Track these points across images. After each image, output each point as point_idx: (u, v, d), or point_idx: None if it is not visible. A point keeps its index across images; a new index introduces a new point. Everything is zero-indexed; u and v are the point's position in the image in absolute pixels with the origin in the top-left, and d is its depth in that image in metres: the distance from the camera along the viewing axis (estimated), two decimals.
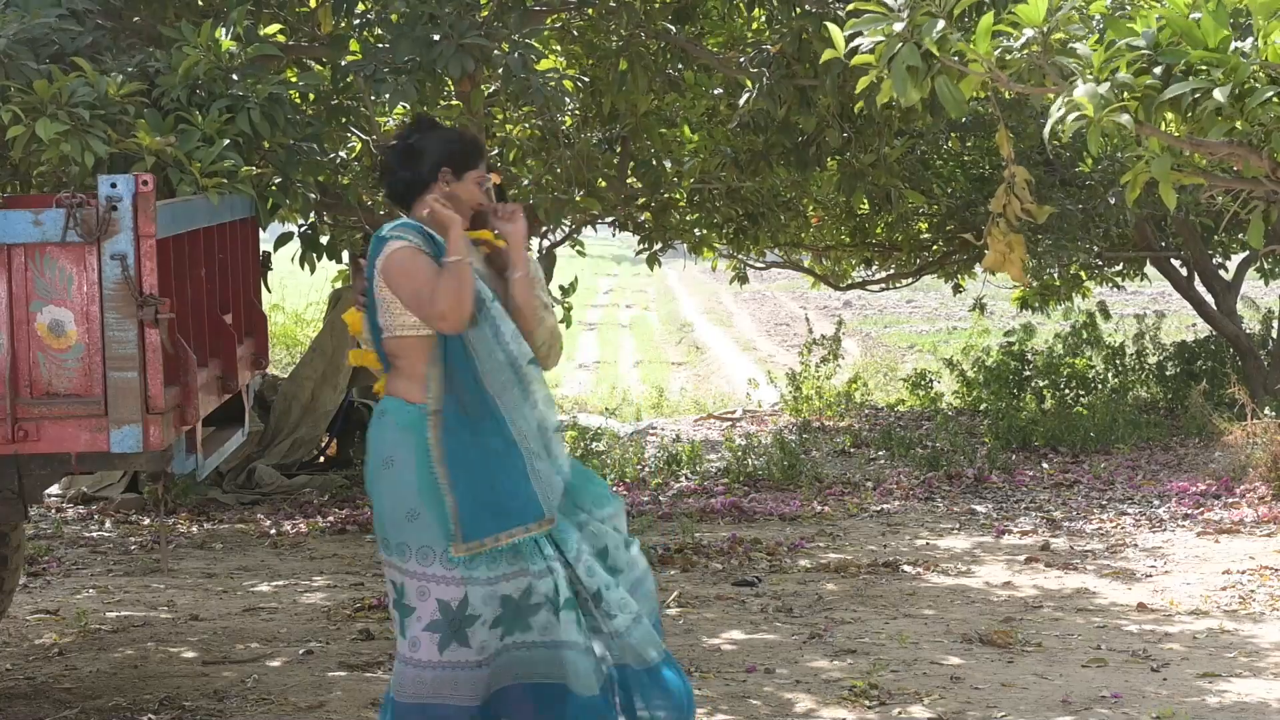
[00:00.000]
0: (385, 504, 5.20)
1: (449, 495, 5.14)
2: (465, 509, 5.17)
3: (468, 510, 5.17)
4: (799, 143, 8.05)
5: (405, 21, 6.28)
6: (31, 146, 5.33)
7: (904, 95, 4.93)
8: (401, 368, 5.22)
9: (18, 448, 5.12)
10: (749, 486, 11.67)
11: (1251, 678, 6.78)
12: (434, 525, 5.13)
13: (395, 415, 5.21)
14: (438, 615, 5.13)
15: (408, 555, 5.17)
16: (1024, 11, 4.81)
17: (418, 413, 5.19)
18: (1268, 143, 4.63)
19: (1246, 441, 11.03)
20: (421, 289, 5.10)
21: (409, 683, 5.18)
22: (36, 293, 5.10)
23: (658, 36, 7.84)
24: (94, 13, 6.13)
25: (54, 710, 6.43)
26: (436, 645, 5.13)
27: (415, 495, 5.14)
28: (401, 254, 5.15)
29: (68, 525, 10.46)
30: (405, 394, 5.20)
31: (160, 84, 5.68)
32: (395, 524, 5.17)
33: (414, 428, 5.18)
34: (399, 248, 5.15)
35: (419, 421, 5.18)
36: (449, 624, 5.12)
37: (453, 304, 5.08)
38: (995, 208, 5.49)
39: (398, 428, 5.19)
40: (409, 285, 5.13)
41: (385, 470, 5.18)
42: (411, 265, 5.15)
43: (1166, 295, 23.99)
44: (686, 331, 27.85)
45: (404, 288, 5.14)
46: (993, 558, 9.27)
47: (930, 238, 14.64)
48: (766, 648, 7.36)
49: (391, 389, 5.26)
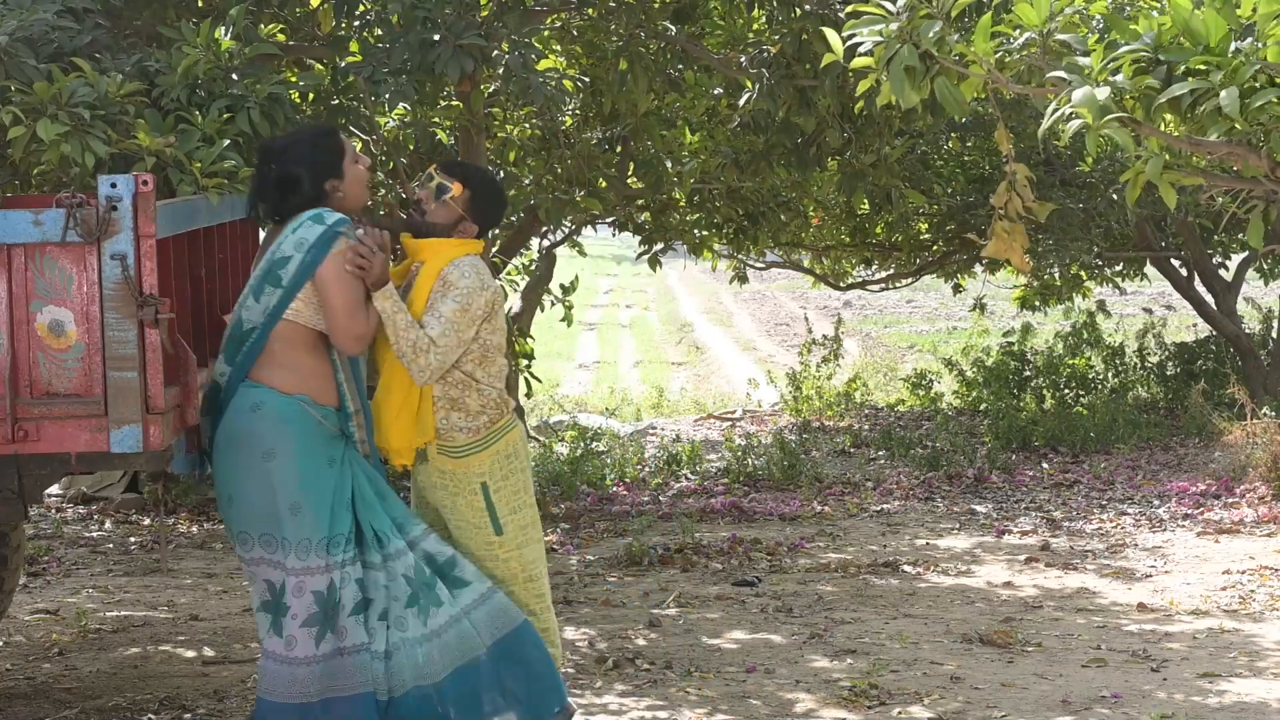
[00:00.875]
0: (260, 497, 5.26)
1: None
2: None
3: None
4: (799, 143, 8.05)
5: (404, 23, 6.27)
6: (32, 147, 5.32)
7: (903, 97, 4.93)
8: (278, 354, 5.30)
9: (18, 448, 5.12)
10: (749, 486, 11.67)
11: (1251, 678, 6.78)
12: (314, 517, 5.25)
13: (273, 407, 5.28)
14: (314, 608, 5.22)
15: (286, 549, 5.26)
16: (1023, 12, 4.81)
17: (295, 404, 5.28)
18: (1267, 142, 4.63)
19: (1246, 441, 11.03)
20: (355, 307, 5.26)
21: (284, 683, 5.25)
22: (36, 293, 5.09)
23: (658, 36, 7.84)
24: (94, 12, 6.13)
25: (54, 710, 6.43)
26: (314, 639, 5.22)
27: (298, 488, 5.23)
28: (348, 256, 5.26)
29: (68, 525, 10.46)
30: (280, 384, 5.31)
31: (160, 84, 5.68)
32: (271, 517, 5.26)
33: (294, 420, 5.28)
34: (347, 247, 5.27)
35: (298, 414, 5.27)
36: (324, 614, 5.24)
37: (369, 337, 5.31)
38: (997, 203, 5.50)
39: (278, 419, 5.27)
40: (345, 296, 5.26)
41: (265, 463, 5.24)
42: (353, 276, 5.25)
43: (1166, 295, 23.99)
44: (686, 331, 27.85)
45: (340, 293, 5.25)
46: (993, 558, 9.27)
47: (930, 238, 14.65)
48: (766, 648, 7.36)
49: (263, 377, 5.31)
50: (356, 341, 5.30)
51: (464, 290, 5.40)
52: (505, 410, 5.60)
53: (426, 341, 5.34)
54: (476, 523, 5.54)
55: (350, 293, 5.26)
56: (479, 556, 5.54)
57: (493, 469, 5.54)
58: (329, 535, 5.26)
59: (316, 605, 5.24)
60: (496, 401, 5.56)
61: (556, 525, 10.34)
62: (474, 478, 5.53)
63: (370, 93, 6.30)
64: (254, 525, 5.30)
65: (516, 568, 5.57)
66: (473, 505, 5.54)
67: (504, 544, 5.55)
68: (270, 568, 5.30)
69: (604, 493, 11.38)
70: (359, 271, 5.27)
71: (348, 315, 5.26)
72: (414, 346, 5.34)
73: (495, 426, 5.55)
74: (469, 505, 5.54)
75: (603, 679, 6.84)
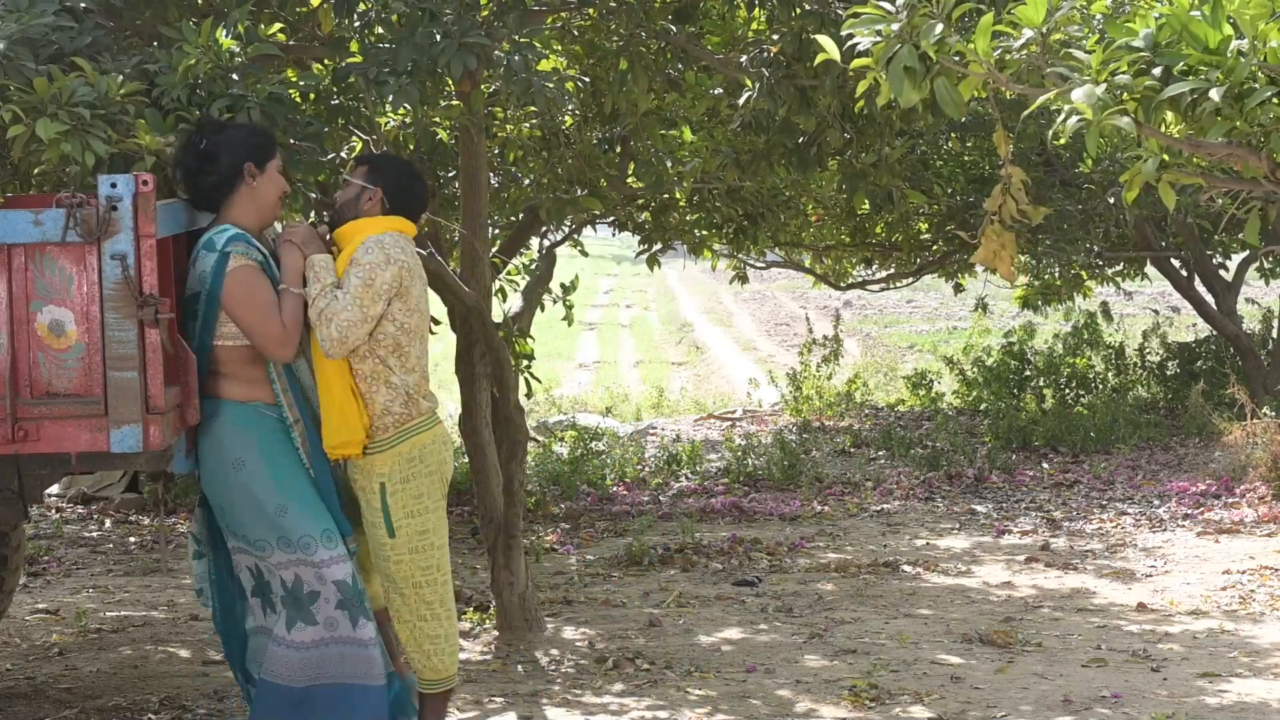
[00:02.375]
0: (243, 504, 5.35)
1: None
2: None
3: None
4: (799, 143, 8.04)
5: (405, 24, 6.27)
6: (31, 146, 5.31)
7: (902, 97, 4.92)
8: (226, 372, 5.39)
9: (18, 448, 5.12)
10: (749, 486, 11.67)
11: (1251, 678, 6.78)
12: (305, 515, 5.31)
13: (230, 416, 5.36)
14: (342, 594, 5.32)
15: (292, 547, 5.32)
16: (1023, 13, 4.80)
17: (252, 411, 5.35)
18: (1266, 143, 4.63)
19: (1246, 441, 11.04)
20: (269, 318, 5.33)
21: (332, 661, 5.37)
22: (36, 293, 5.10)
23: (658, 36, 7.83)
24: (94, 12, 6.12)
25: (54, 710, 6.44)
26: (350, 620, 5.28)
27: (276, 492, 5.29)
28: (243, 275, 5.38)
29: (68, 525, 10.46)
30: (233, 394, 5.40)
31: (160, 84, 5.67)
32: (265, 521, 5.34)
33: (252, 426, 5.36)
34: (240, 266, 5.36)
35: (256, 420, 5.34)
36: (352, 600, 5.34)
37: (297, 337, 5.36)
38: (991, 207, 5.48)
39: (236, 428, 5.35)
40: (254, 313, 5.34)
41: (236, 472, 5.33)
42: (255, 288, 5.35)
43: (1167, 295, 23.97)
44: (686, 331, 27.83)
45: (249, 315, 5.36)
46: (992, 558, 9.27)
47: (930, 237, 14.64)
48: (766, 648, 7.36)
49: (218, 391, 5.38)
50: (279, 347, 5.35)
51: (367, 265, 5.43)
52: (415, 411, 5.58)
53: (331, 311, 5.37)
54: (373, 520, 5.56)
55: (256, 306, 5.33)
56: (376, 553, 5.60)
57: (392, 471, 5.53)
58: (325, 528, 5.34)
59: (342, 592, 5.35)
60: (404, 400, 5.53)
61: (556, 525, 10.34)
62: (375, 477, 5.53)
63: (371, 93, 6.28)
64: (244, 530, 5.34)
65: (409, 571, 5.57)
66: (370, 504, 5.55)
67: (395, 546, 5.55)
68: (285, 568, 5.34)
69: (604, 493, 11.38)
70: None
71: (260, 326, 5.33)
72: (320, 314, 5.37)
73: (403, 427, 5.54)
74: (368, 504, 5.57)
75: (603, 679, 6.84)
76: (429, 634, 5.61)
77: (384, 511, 5.52)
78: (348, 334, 5.37)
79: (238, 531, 5.38)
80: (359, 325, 5.39)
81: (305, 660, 5.36)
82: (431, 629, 5.61)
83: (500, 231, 10.21)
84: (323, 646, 5.36)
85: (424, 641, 5.62)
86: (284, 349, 5.35)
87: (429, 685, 5.70)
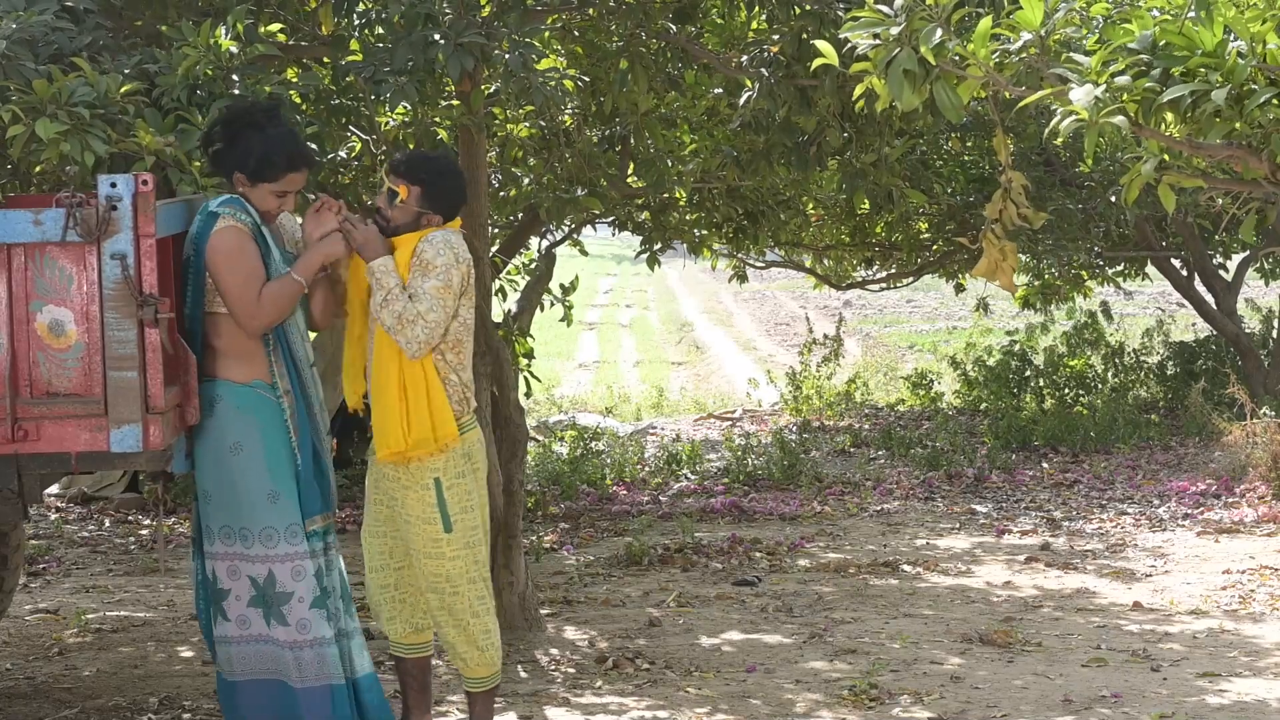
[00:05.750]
0: (241, 490, 5.33)
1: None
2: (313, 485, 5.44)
3: (309, 486, 5.42)
4: (799, 143, 8.04)
5: (404, 24, 6.27)
6: (31, 146, 5.32)
7: (901, 101, 4.92)
8: (221, 346, 5.35)
9: (17, 447, 5.13)
10: (749, 486, 11.67)
11: (1251, 678, 6.78)
12: (291, 504, 5.32)
13: (230, 399, 5.32)
14: (317, 591, 5.33)
15: (276, 539, 5.33)
16: (1022, 16, 4.81)
17: (252, 393, 5.33)
18: (1267, 144, 4.63)
19: (1246, 441, 11.04)
20: (246, 285, 5.26)
21: (309, 663, 5.35)
22: (36, 292, 5.10)
23: (658, 36, 7.83)
24: (94, 12, 6.12)
25: (54, 710, 6.44)
26: (326, 621, 5.31)
27: (269, 478, 5.29)
28: (228, 235, 5.31)
29: (68, 525, 10.46)
30: (232, 375, 5.36)
31: (160, 84, 5.67)
32: (258, 508, 5.33)
33: (253, 409, 5.31)
34: (227, 227, 5.30)
35: (257, 403, 5.32)
36: (322, 595, 5.35)
37: (273, 318, 5.30)
38: (991, 213, 5.47)
39: (237, 411, 5.32)
40: (234, 274, 5.28)
41: (233, 456, 5.30)
42: (238, 252, 5.29)
43: (1167, 295, 23.97)
44: (686, 331, 27.82)
45: (227, 275, 5.29)
46: (993, 558, 9.28)
47: (930, 237, 14.64)
48: (766, 648, 7.36)
49: (214, 370, 5.35)
50: (248, 319, 5.30)
51: (442, 266, 5.42)
52: (466, 409, 5.58)
53: (414, 313, 5.35)
54: (425, 518, 5.53)
55: (235, 270, 5.27)
56: (422, 554, 5.54)
57: (448, 466, 5.53)
58: (290, 523, 5.34)
59: (319, 586, 5.34)
60: (460, 397, 5.54)
61: (556, 525, 10.34)
62: (428, 473, 5.52)
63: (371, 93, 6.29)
64: (233, 518, 5.34)
65: (464, 567, 5.56)
66: (423, 500, 5.52)
67: (451, 542, 5.54)
68: (257, 563, 5.35)
69: (604, 492, 11.38)
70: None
71: (236, 290, 5.27)
72: (398, 318, 5.35)
73: (459, 423, 5.54)
74: (419, 500, 5.52)
75: (603, 679, 6.84)
76: (482, 628, 5.61)
77: (440, 506, 5.50)
78: (434, 334, 5.38)
79: (227, 523, 5.35)
80: (442, 325, 5.41)
81: (259, 654, 5.37)
82: (485, 623, 5.62)
83: (500, 231, 10.21)
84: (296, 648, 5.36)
85: (478, 636, 5.62)
86: (252, 321, 5.29)
87: (478, 684, 5.70)
